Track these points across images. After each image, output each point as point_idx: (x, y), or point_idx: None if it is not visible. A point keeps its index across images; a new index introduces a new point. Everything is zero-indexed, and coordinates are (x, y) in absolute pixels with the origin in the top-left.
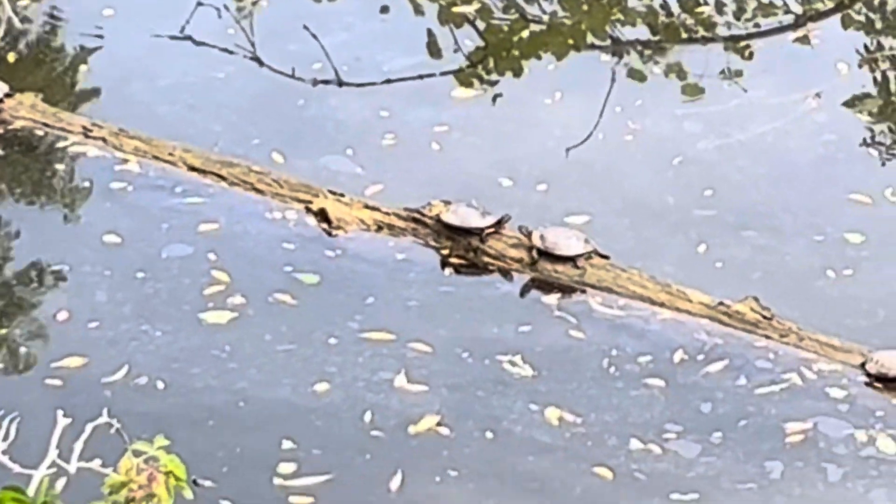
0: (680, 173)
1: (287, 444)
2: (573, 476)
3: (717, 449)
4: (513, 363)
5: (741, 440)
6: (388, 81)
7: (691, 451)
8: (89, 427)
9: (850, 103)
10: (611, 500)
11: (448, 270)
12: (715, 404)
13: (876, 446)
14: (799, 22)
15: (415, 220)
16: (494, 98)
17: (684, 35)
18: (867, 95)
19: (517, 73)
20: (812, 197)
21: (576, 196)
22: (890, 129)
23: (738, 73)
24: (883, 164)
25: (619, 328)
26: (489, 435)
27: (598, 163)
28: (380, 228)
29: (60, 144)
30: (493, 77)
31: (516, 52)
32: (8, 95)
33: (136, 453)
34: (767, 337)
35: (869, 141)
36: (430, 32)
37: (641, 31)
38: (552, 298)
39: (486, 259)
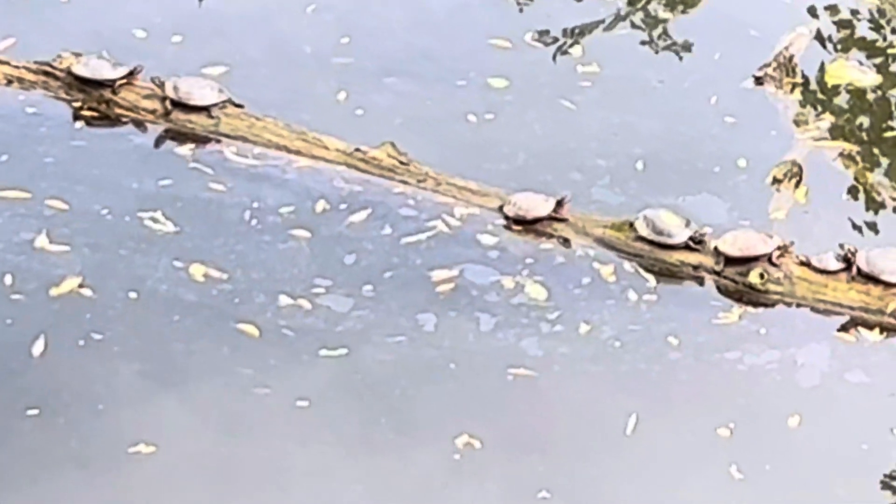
0: (315, 21)
1: None
2: (219, 334)
3: (369, 302)
4: (154, 219)
5: (393, 292)
6: None
7: (343, 305)
8: None
9: None
10: (258, 358)
11: (80, 123)
12: (362, 255)
13: (526, 293)
14: None
15: (45, 74)
16: None
17: None
18: None
19: None
20: (452, 43)
21: (212, 47)
22: None
23: None
24: (521, 10)
25: (258, 178)
26: (133, 295)
27: (232, 13)
28: (9, 83)
29: None
30: None
31: None
32: None
33: None
34: (405, 182)
35: None
36: None
37: None
38: (186, 149)
39: (119, 111)
